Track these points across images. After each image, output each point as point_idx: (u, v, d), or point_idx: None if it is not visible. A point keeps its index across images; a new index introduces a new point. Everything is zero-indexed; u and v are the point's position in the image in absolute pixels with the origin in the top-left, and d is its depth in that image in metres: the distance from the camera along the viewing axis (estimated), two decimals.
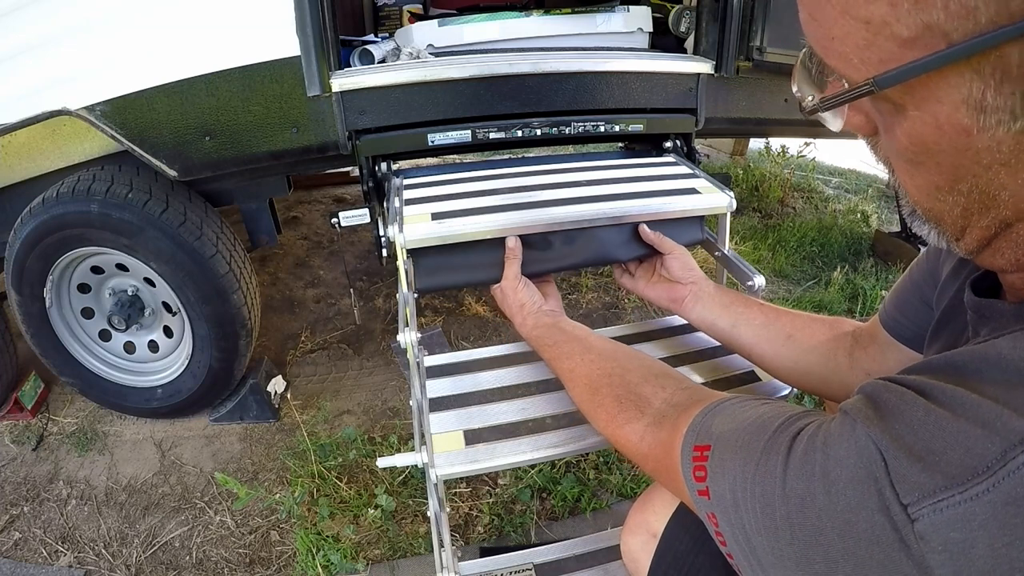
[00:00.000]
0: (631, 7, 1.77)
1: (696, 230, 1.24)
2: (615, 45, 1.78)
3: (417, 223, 1.09)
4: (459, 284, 1.17)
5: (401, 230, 1.06)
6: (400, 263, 1.08)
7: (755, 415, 0.49)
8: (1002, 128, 0.36)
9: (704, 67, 1.56)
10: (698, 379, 1.05)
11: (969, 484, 0.33)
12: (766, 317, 0.89)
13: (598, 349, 0.86)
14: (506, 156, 2.30)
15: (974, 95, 0.35)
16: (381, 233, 1.36)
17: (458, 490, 1.53)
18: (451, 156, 2.66)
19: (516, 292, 1.04)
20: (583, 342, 0.89)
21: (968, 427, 0.35)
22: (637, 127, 1.53)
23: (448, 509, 1.05)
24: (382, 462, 0.99)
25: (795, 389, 1.05)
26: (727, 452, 0.49)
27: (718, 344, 1.12)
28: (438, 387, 1.03)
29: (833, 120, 0.45)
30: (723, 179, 1.30)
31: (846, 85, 0.41)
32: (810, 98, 0.45)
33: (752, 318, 0.90)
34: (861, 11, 0.37)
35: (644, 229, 1.11)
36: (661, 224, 1.16)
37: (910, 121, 0.39)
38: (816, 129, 2.03)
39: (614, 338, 1.14)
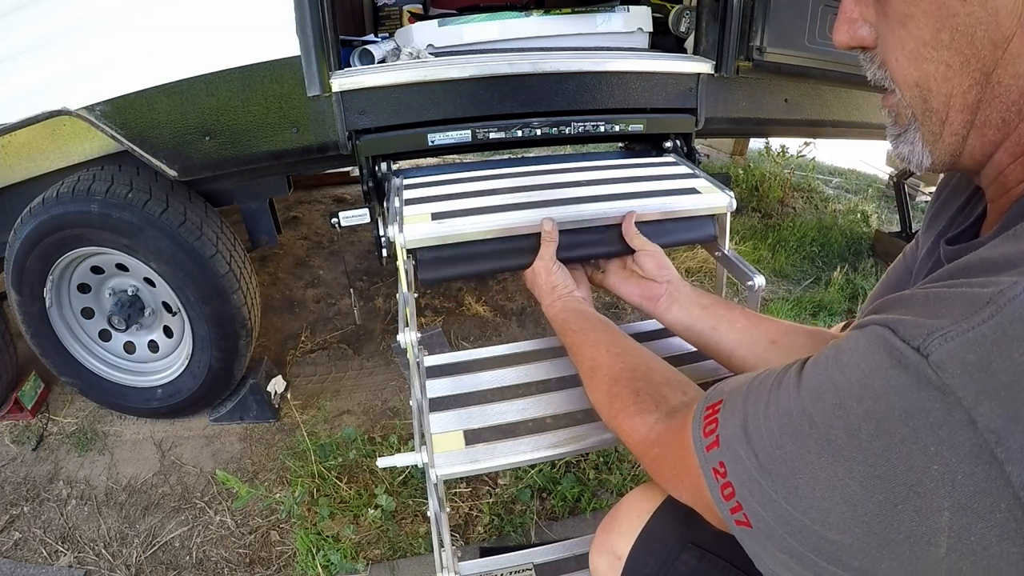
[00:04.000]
0: (631, 7, 1.77)
1: (708, 225, 1.24)
2: (615, 45, 1.78)
3: (417, 223, 1.09)
4: (466, 275, 1.15)
5: (401, 230, 1.06)
6: (400, 263, 1.09)
7: (765, 371, 0.50)
8: None
9: (704, 67, 1.56)
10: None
11: (972, 318, 0.35)
12: (748, 321, 0.87)
13: (625, 345, 0.85)
14: (506, 156, 2.30)
15: None
16: (381, 233, 1.36)
17: (458, 490, 1.53)
18: (451, 156, 2.66)
19: (550, 274, 1.03)
20: (612, 335, 0.88)
21: (963, 290, 0.38)
22: (637, 127, 1.53)
23: (448, 509, 1.05)
24: (382, 462, 0.99)
25: None
26: (738, 397, 0.49)
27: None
28: (438, 387, 1.03)
29: None
30: (723, 179, 1.30)
31: None
32: None
33: (734, 321, 0.88)
34: None
35: (627, 225, 1.08)
36: (672, 220, 1.17)
37: None
38: (816, 129, 2.03)
39: None
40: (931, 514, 0.35)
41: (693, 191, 1.22)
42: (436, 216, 1.11)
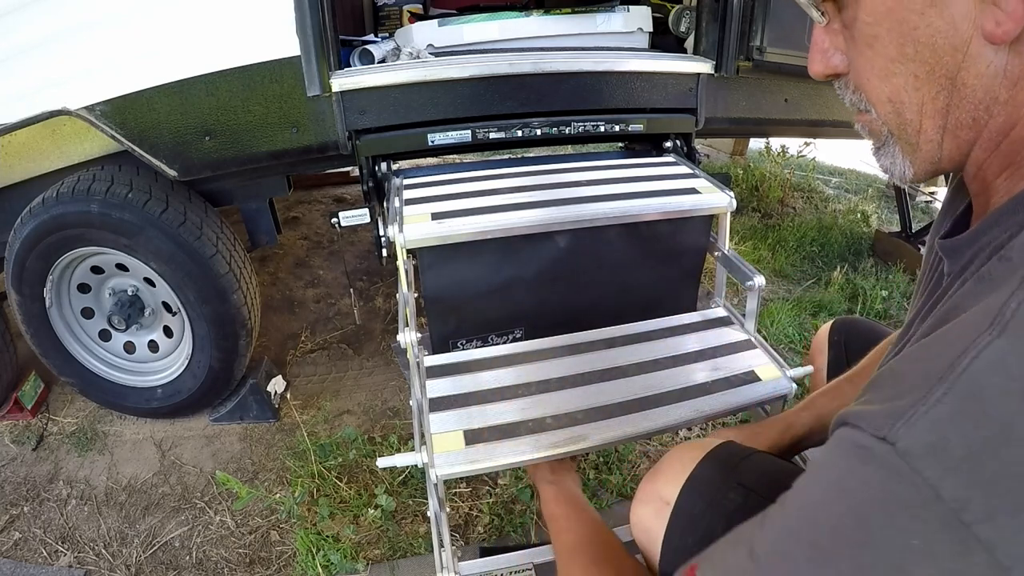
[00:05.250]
0: (631, 7, 1.77)
1: (702, 234, 1.24)
2: (615, 45, 1.78)
3: (417, 223, 1.09)
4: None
5: (401, 230, 1.06)
6: (400, 263, 1.09)
7: (736, 528, 0.50)
8: None
9: (704, 67, 1.56)
10: (698, 379, 1.05)
11: (930, 392, 0.37)
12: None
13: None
14: (506, 156, 2.30)
15: None
16: (381, 233, 1.36)
17: (458, 490, 1.53)
18: (451, 156, 2.66)
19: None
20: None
21: (918, 363, 0.41)
22: (637, 127, 1.53)
23: (448, 509, 1.05)
24: (382, 462, 0.99)
25: (796, 388, 1.05)
26: (717, 554, 0.48)
27: (718, 344, 1.13)
28: (438, 387, 1.03)
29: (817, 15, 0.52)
30: (723, 179, 1.30)
31: None
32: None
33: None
34: None
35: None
36: (668, 225, 1.17)
37: None
38: (816, 129, 2.03)
39: (617, 337, 1.15)
40: None
41: (693, 191, 1.22)
42: (436, 216, 1.11)
